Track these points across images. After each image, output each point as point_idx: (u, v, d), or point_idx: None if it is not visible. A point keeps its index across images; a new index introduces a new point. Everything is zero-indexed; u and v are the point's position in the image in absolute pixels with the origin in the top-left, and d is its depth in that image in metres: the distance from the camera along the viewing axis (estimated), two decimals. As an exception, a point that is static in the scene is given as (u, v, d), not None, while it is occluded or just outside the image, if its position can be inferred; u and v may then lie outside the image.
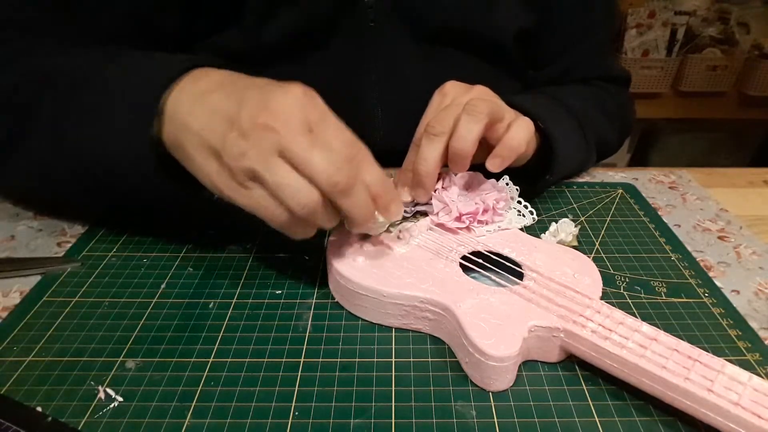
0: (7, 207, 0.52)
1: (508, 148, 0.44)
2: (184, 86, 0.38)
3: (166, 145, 0.38)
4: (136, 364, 0.36)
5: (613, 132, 0.65)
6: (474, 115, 0.42)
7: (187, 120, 0.36)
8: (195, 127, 0.36)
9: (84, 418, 0.32)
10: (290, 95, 0.35)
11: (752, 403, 0.30)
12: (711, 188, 0.59)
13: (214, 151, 0.35)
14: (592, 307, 0.36)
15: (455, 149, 0.42)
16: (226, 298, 0.41)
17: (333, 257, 0.40)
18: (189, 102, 0.37)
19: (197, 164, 0.36)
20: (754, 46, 1.73)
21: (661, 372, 0.31)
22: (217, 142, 0.35)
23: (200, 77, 0.39)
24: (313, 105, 0.36)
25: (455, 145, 0.42)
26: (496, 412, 0.33)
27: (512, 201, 0.47)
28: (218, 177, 0.35)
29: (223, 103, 0.36)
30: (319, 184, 0.34)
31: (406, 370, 0.36)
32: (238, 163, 0.34)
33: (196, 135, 0.36)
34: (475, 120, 0.42)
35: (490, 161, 0.44)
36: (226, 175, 0.35)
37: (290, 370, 0.35)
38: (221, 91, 0.37)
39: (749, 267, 0.47)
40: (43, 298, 0.41)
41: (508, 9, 0.58)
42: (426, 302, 0.37)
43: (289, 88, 0.35)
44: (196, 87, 0.38)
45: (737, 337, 0.39)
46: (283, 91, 0.35)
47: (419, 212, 0.46)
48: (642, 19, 1.68)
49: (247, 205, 0.35)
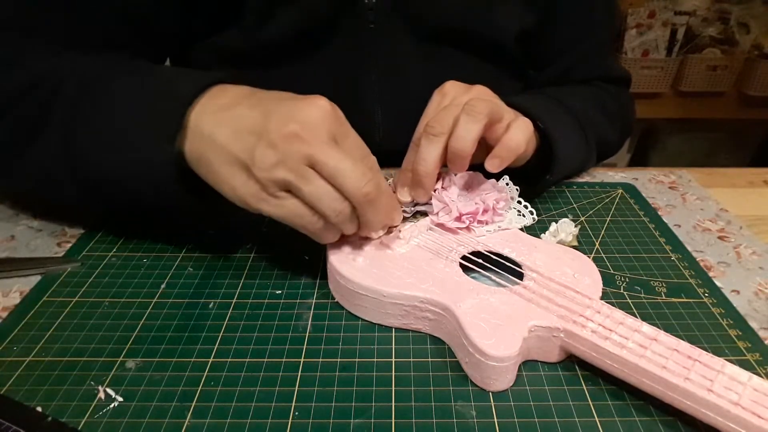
0: (7, 207, 0.52)
1: (507, 149, 0.44)
2: (206, 102, 0.39)
3: (187, 160, 0.39)
4: (136, 364, 0.36)
5: (614, 132, 0.65)
6: (473, 115, 0.42)
7: (212, 133, 0.37)
8: (221, 140, 0.37)
9: (84, 418, 0.32)
10: (315, 106, 0.36)
11: (752, 403, 0.30)
12: (711, 188, 0.59)
13: (241, 164, 0.36)
14: (592, 307, 0.36)
15: (454, 149, 0.42)
16: (226, 298, 0.41)
17: (333, 257, 0.40)
18: (212, 116, 0.38)
19: (222, 177, 0.37)
20: (754, 46, 1.73)
21: (661, 372, 0.31)
22: (245, 154, 0.35)
23: (219, 93, 0.40)
24: (335, 117, 0.37)
25: (454, 145, 0.42)
26: (496, 412, 0.33)
27: (512, 201, 0.47)
28: (245, 188, 0.36)
29: (247, 116, 0.37)
30: (350, 194, 0.36)
31: (406, 370, 0.36)
32: (269, 175, 0.35)
33: (223, 148, 0.36)
34: (474, 120, 0.42)
35: (489, 162, 0.44)
36: (255, 187, 0.36)
37: (290, 370, 0.35)
38: (244, 104, 0.38)
39: (749, 267, 0.47)
40: (43, 298, 0.41)
41: (509, 9, 0.58)
42: (426, 302, 0.37)
43: (314, 100, 0.37)
44: (218, 101, 0.39)
45: (737, 337, 0.39)
46: (308, 102, 0.36)
47: (419, 212, 0.46)
48: (642, 19, 1.69)
49: (279, 215, 0.37)
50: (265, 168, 0.35)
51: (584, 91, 0.64)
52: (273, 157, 0.35)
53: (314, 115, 0.36)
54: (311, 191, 0.35)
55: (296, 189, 0.35)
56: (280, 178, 0.35)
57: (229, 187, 0.37)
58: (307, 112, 0.36)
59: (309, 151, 0.35)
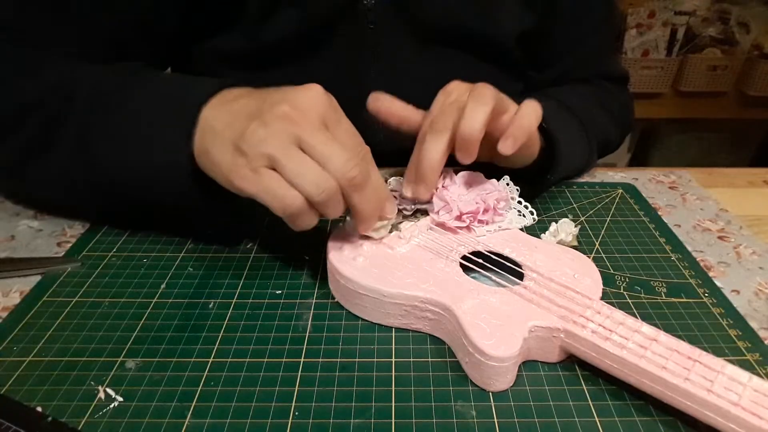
0: (7, 207, 0.52)
1: (519, 127, 0.43)
2: (215, 102, 0.39)
3: (196, 157, 0.39)
4: (136, 364, 0.36)
5: (615, 131, 0.65)
6: (480, 99, 0.41)
7: (213, 124, 0.38)
8: (219, 127, 0.38)
9: (84, 418, 0.32)
10: (311, 92, 0.37)
11: (752, 404, 0.30)
12: (711, 188, 0.59)
13: (232, 143, 0.36)
14: (593, 307, 0.36)
15: (464, 134, 0.41)
16: (226, 298, 0.41)
17: (333, 257, 0.40)
18: (215, 110, 0.39)
19: (214, 158, 0.37)
20: (754, 46, 1.73)
21: (661, 372, 0.31)
22: (237, 134, 0.36)
23: (227, 93, 0.40)
24: (329, 104, 0.38)
25: (463, 130, 0.41)
26: (496, 412, 0.33)
27: (512, 201, 0.47)
28: (232, 166, 0.36)
29: (246, 105, 0.38)
30: (336, 176, 0.36)
31: (406, 370, 0.36)
32: (256, 149, 0.35)
33: (219, 133, 0.37)
34: (482, 103, 0.41)
35: (502, 143, 0.43)
36: (240, 164, 0.36)
37: (290, 370, 0.35)
38: (246, 97, 0.39)
39: (749, 267, 0.47)
40: (43, 298, 0.41)
41: (509, 10, 0.58)
42: (426, 302, 0.37)
43: (310, 86, 0.38)
44: (224, 99, 0.40)
45: (737, 337, 0.39)
46: (303, 88, 0.38)
47: (419, 211, 0.46)
48: (642, 19, 1.68)
49: (256, 193, 0.36)
50: (252, 143, 0.35)
51: (584, 89, 0.64)
52: (262, 134, 0.35)
53: (307, 97, 0.37)
54: (293, 168, 0.35)
55: (280, 166, 0.35)
56: (266, 152, 0.35)
57: (218, 167, 0.37)
58: (300, 95, 0.37)
59: (298, 131, 0.35)
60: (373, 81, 0.59)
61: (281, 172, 0.35)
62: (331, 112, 0.38)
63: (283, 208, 0.36)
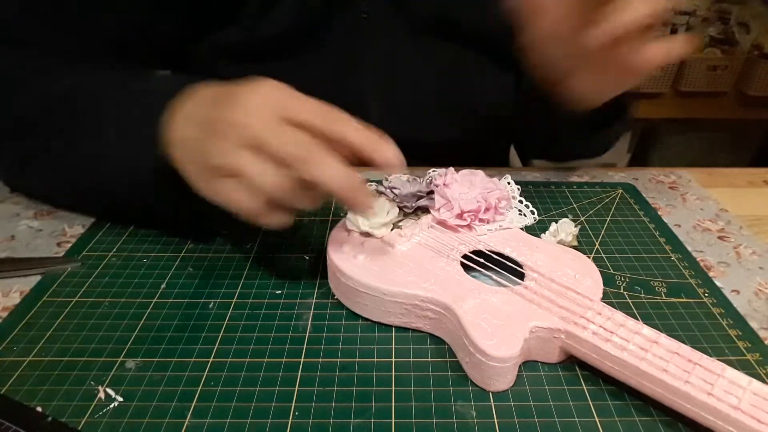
0: (7, 207, 0.52)
1: None
2: (175, 107, 0.40)
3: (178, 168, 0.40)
4: (136, 364, 0.36)
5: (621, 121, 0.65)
6: None
7: (172, 134, 0.39)
8: (176, 137, 0.38)
9: (84, 418, 0.32)
10: (256, 90, 0.36)
11: (752, 407, 0.30)
12: (711, 188, 0.59)
13: (193, 155, 0.37)
14: (594, 308, 0.36)
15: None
16: (226, 298, 0.41)
17: (333, 254, 0.40)
18: (175, 117, 0.39)
19: (186, 171, 0.38)
20: (754, 46, 1.72)
21: (662, 375, 0.31)
22: (194, 146, 0.37)
23: (188, 95, 0.40)
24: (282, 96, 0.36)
25: None
26: (496, 412, 0.33)
27: (513, 200, 0.47)
28: (199, 179, 0.37)
29: (196, 111, 0.38)
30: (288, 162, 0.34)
31: (406, 370, 0.36)
32: (209, 162, 0.36)
33: (178, 144, 0.38)
34: None
35: None
36: (204, 177, 0.37)
37: (290, 370, 0.35)
38: (198, 100, 0.39)
39: (749, 267, 0.47)
40: (43, 298, 0.41)
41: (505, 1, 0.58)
42: (427, 301, 0.37)
43: (256, 84, 0.37)
44: (182, 103, 0.40)
45: (737, 337, 0.39)
46: (250, 87, 0.36)
47: (420, 208, 0.46)
48: (642, 18, 1.68)
49: (220, 202, 0.37)
50: (205, 157, 0.36)
51: None
52: (210, 145, 0.35)
53: (252, 97, 0.36)
54: (239, 168, 0.35)
55: (231, 171, 0.35)
56: (216, 163, 0.35)
57: (191, 179, 0.38)
58: (245, 96, 0.36)
59: (243, 133, 0.35)
60: (367, 72, 0.59)
61: (236, 177, 0.35)
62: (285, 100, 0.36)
63: (244, 210, 0.36)
